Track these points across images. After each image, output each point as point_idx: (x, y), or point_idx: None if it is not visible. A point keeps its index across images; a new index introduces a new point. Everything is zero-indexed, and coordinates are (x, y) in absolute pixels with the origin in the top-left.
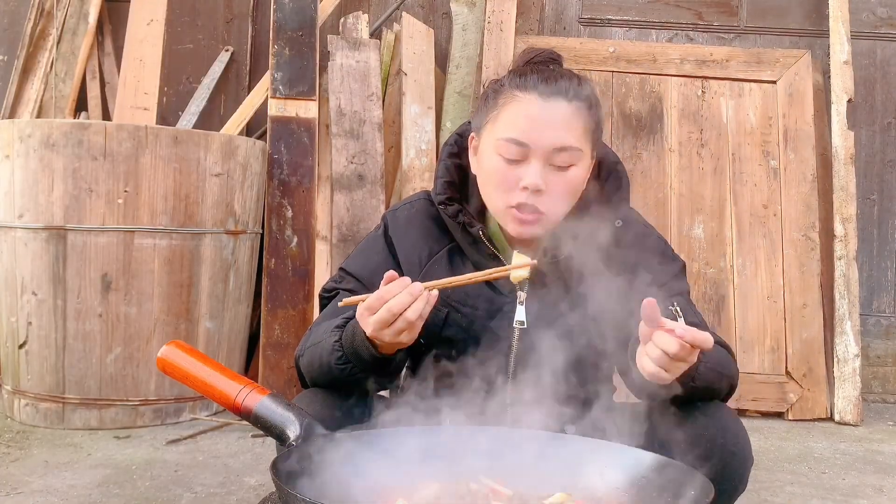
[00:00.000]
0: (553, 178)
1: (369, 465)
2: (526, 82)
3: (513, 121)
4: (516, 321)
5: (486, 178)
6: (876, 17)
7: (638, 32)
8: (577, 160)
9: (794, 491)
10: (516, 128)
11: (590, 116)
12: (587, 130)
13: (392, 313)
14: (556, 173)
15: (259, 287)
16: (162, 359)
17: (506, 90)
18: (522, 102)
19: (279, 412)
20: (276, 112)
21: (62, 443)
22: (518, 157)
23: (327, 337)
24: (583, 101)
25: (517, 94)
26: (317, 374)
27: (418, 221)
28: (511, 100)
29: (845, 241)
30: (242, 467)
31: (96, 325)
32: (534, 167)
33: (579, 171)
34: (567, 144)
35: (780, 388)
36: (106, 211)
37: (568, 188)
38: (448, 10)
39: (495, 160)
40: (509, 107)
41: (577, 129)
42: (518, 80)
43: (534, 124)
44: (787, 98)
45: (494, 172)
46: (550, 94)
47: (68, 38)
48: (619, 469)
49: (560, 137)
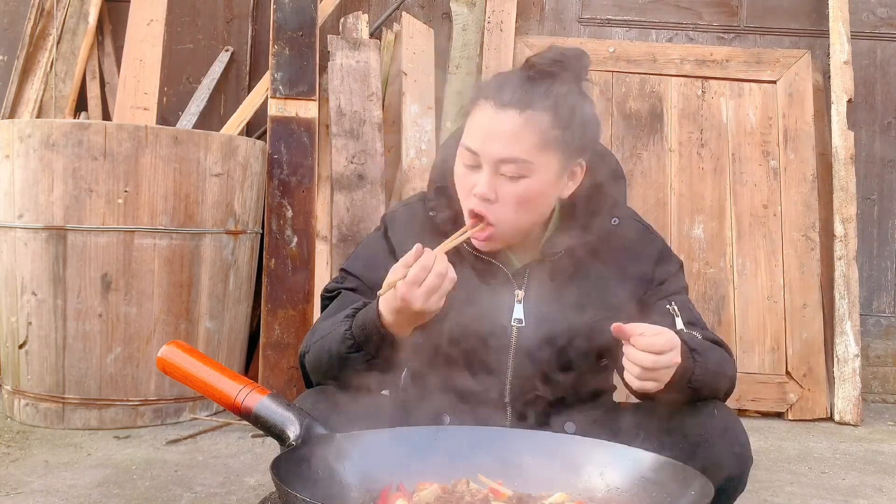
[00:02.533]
0: (504, 189)
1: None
2: (487, 89)
3: (470, 128)
4: (514, 319)
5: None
6: (876, 17)
7: (638, 32)
8: (529, 172)
9: (794, 491)
10: (471, 135)
11: (552, 126)
12: (545, 141)
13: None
14: (508, 183)
15: (259, 287)
16: (162, 359)
17: (475, 96)
18: (480, 110)
19: (279, 412)
20: (276, 112)
21: (62, 443)
22: (473, 164)
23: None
24: (544, 111)
25: (479, 101)
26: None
27: (417, 222)
28: (475, 106)
29: (845, 241)
30: (242, 467)
31: (96, 325)
32: (483, 176)
33: (533, 183)
34: (512, 157)
35: (780, 388)
36: (106, 211)
37: (519, 199)
38: (448, 10)
39: (459, 166)
40: (473, 113)
41: (528, 141)
42: (483, 86)
43: (483, 134)
44: (787, 98)
45: (458, 177)
46: (504, 104)
47: (68, 38)
48: (619, 469)
49: (505, 150)
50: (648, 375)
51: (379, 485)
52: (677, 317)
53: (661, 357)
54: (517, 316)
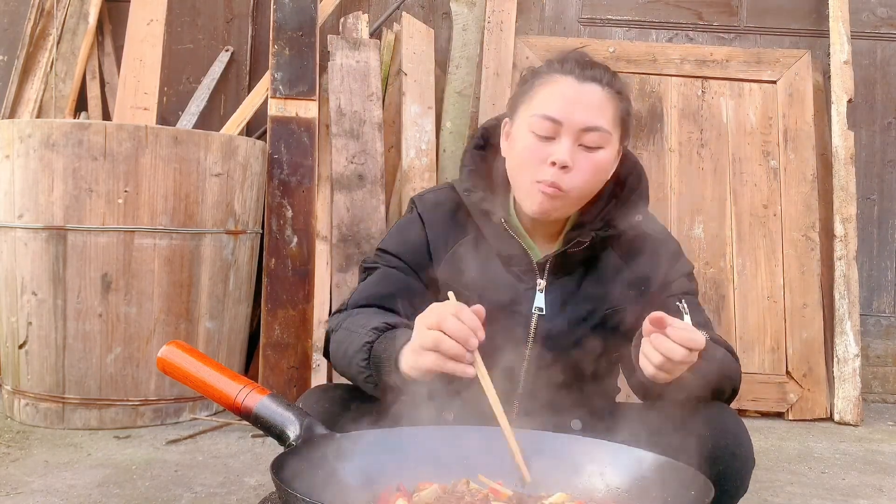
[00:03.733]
0: (581, 158)
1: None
2: (564, 66)
3: (548, 98)
4: (535, 307)
5: (516, 157)
6: (876, 17)
7: (638, 32)
8: (606, 143)
9: (794, 491)
10: (551, 105)
11: (620, 105)
12: (617, 118)
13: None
14: (585, 153)
15: (259, 287)
16: (162, 359)
17: (543, 73)
18: (559, 83)
19: (279, 412)
20: (276, 112)
21: (62, 443)
22: (550, 134)
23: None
24: (615, 91)
25: (554, 76)
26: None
27: (446, 207)
28: (548, 80)
29: (845, 241)
30: (242, 467)
31: (96, 325)
32: (564, 144)
33: (607, 154)
34: (598, 125)
35: (780, 388)
36: (106, 211)
37: (594, 169)
38: (448, 10)
39: (528, 138)
40: (546, 87)
41: (608, 114)
42: (556, 65)
43: (568, 103)
44: (787, 98)
45: (525, 149)
46: (586, 78)
47: (68, 38)
48: (619, 469)
49: (592, 118)
50: (669, 367)
51: (379, 485)
52: (686, 315)
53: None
54: (538, 304)
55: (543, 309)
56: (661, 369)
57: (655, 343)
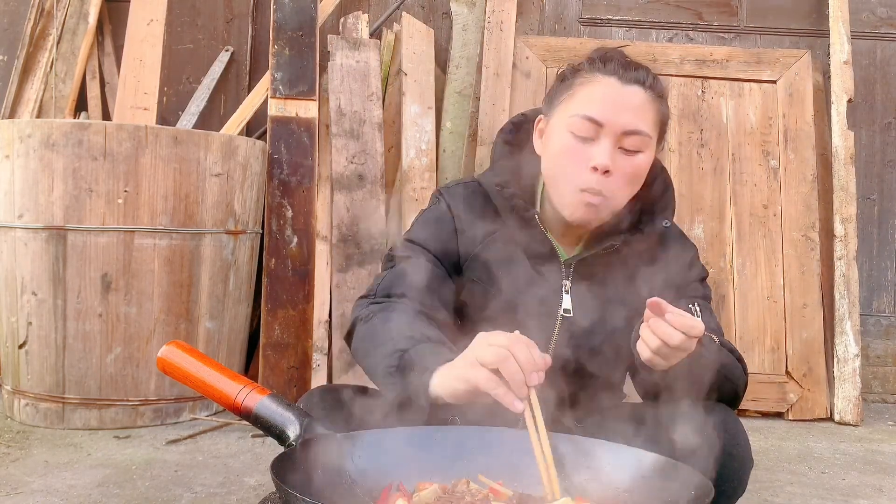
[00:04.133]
0: (621, 162)
1: (369, 465)
2: (607, 67)
3: (589, 99)
4: (563, 309)
5: (554, 158)
6: (876, 17)
7: (638, 32)
8: (646, 147)
9: (794, 491)
10: (592, 106)
11: (660, 109)
12: (657, 122)
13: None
14: (625, 157)
15: (259, 287)
16: (162, 359)
17: (584, 72)
18: (601, 83)
19: (279, 412)
20: (276, 112)
21: (62, 443)
22: (589, 135)
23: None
24: (657, 94)
25: (597, 76)
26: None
27: (475, 200)
28: (590, 80)
29: (845, 241)
30: (242, 467)
31: (96, 325)
32: (604, 146)
33: (646, 158)
34: (639, 128)
35: (780, 388)
36: (106, 211)
37: (633, 173)
38: (448, 10)
39: (566, 138)
40: (587, 86)
41: (650, 117)
42: (598, 64)
43: (611, 104)
44: (787, 98)
45: (564, 150)
46: (629, 80)
47: (68, 38)
48: (619, 469)
49: (633, 121)
50: (666, 351)
51: (379, 485)
52: (697, 317)
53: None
54: (565, 306)
55: (571, 311)
56: (658, 354)
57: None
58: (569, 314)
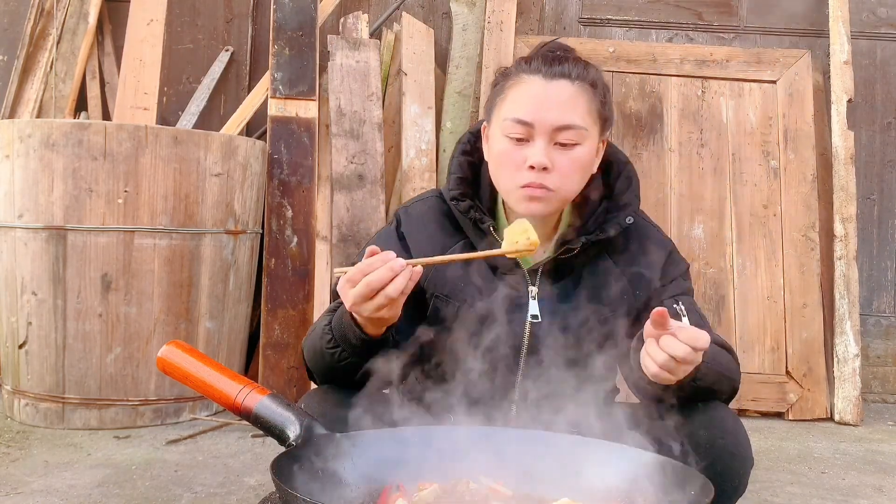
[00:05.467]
0: (559, 157)
1: (369, 465)
2: (531, 65)
3: (517, 101)
4: (530, 315)
5: (495, 161)
6: (876, 17)
7: (638, 32)
8: (583, 139)
9: (794, 491)
10: (521, 108)
11: (595, 97)
12: (592, 111)
13: (371, 288)
14: (562, 152)
15: (259, 287)
16: (162, 359)
17: (512, 74)
18: (526, 83)
19: (279, 412)
20: (276, 112)
21: (62, 443)
22: (523, 136)
23: (319, 321)
24: (587, 83)
25: (522, 76)
26: (314, 363)
27: (431, 217)
28: (517, 82)
29: (845, 241)
30: (242, 467)
31: (96, 325)
32: (538, 146)
33: (585, 149)
34: (570, 123)
35: (780, 388)
36: (106, 211)
37: (574, 166)
38: (448, 10)
39: (503, 142)
40: (515, 88)
41: (581, 109)
42: (524, 65)
43: (537, 103)
44: (787, 98)
45: (502, 153)
46: (554, 75)
47: (68, 38)
48: (619, 469)
49: (563, 116)
50: (672, 366)
51: (379, 485)
52: (684, 316)
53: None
54: (532, 312)
55: (539, 316)
56: (665, 369)
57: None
58: (537, 320)
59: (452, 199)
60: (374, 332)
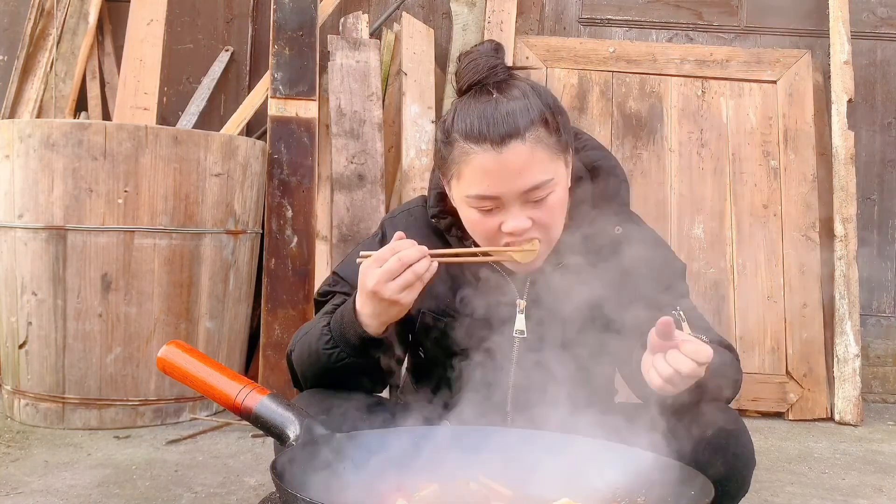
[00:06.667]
0: (535, 212)
1: (369, 466)
2: (472, 131)
3: (474, 179)
4: (516, 330)
5: (469, 228)
6: (876, 17)
7: (638, 32)
8: (554, 187)
9: (794, 491)
10: (480, 185)
11: (550, 136)
12: (552, 152)
13: (402, 263)
14: (536, 207)
15: (259, 287)
16: (162, 359)
17: (456, 143)
18: (477, 157)
19: (279, 412)
20: (276, 112)
21: (62, 443)
22: (493, 206)
23: (316, 324)
24: (539, 126)
25: (470, 148)
26: (306, 367)
27: (416, 228)
28: (465, 155)
29: (845, 241)
30: (242, 467)
31: (96, 325)
32: (512, 212)
33: (558, 194)
34: (537, 182)
35: (780, 388)
36: (106, 211)
37: (552, 212)
38: (448, 10)
39: (471, 213)
40: (466, 163)
41: (542, 161)
42: (465, 129)
43: (496, 178)
44: (787, 98)
45: (475, 223)
46: (502, 141)
47: (68, 38)
48: (619, 469)
49: (527, 180)
50: (677, 380)
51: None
52: (684, 322)
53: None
54: (518, 327)
55: (524, 332)
56: (669, 382)
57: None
58: (522, 335)
59: (433, 217)
60: (376, 329)
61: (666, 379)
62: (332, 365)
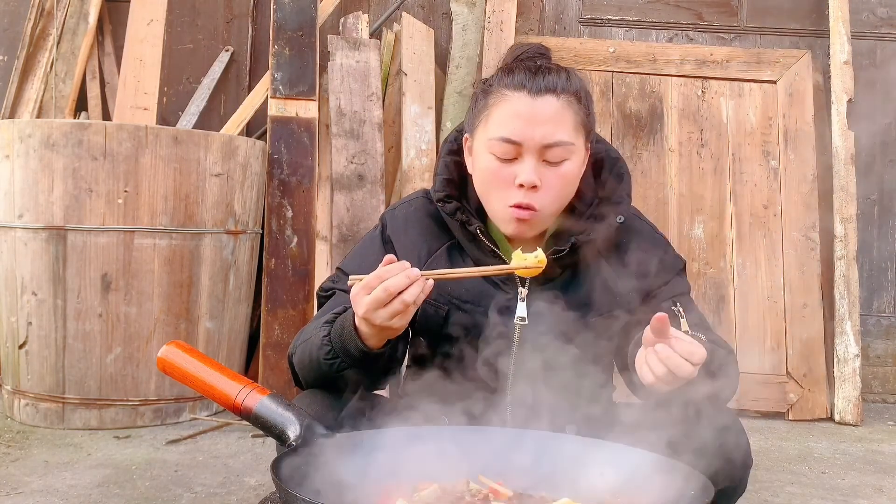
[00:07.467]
0: (547, 174)
1: (369, 465)
2: (514, 80)
3: (503, 120)
4: (517, 318)
5: (481, 178)
6: (876, 17)
7: (638, 32)
8: (570, 154)
9: (794, 491)
10: (507, 127)
11: (580, 109)
12: (578, 123)
13: (388, 293)
14: (550, 169)
15: (259, 287)
16: (162, 359)
17: (495, 89)
18: (511, 101)
19: (279, 412)
20: (276, 112)
21: (62, 443)
22: (511, 156)
23: (316, 332)
24: (572, 95)
25: (506, 93)
26: (307, 371)
27: (417, 219)
28: (500, 99)
29: (845, 241)
30: (242, 467)
31: (96, 325)
32: (527, 164)
33: (573, 164)
34: (559, 140)
35: (780, 388)
36: (106, 211)
37: (562, 183)
38: (448, 10)
39: (489, 160)
40: (499, 106)
41: (568, 124)
42: (506, 79)
43: (524, 122)
44: (787, 98)
45: (489, 172)
46: (539, 91)
47: (68, 38)
48: (618, 469)
49: (551, 133)
50: (670, 378)
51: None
52: (682, 318)
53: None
54: (520, 314)
55: (525, 319)
56: (662, 380)
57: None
58: (524, 322)
59: (439, 201)
60: (375, 344)
61: (658, 377)
62: (333, 373)
